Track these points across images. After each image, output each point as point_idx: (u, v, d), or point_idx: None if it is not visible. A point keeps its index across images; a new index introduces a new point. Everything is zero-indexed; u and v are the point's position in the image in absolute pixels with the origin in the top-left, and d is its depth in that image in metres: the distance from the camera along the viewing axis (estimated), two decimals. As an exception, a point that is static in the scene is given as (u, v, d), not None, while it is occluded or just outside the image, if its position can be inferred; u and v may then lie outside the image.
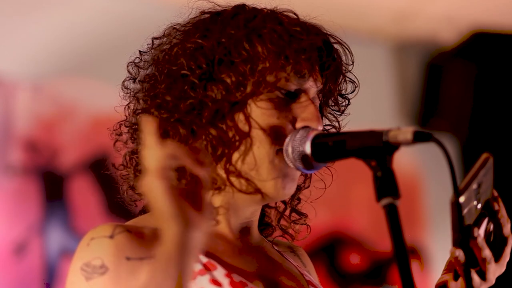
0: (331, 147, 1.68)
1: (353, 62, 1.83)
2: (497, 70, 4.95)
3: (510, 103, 4.98)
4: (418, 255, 4.86)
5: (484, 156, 1.73)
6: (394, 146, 1.57)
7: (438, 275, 1.85)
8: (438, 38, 5.04)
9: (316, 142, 1.70)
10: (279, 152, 1.73)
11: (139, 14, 4.24)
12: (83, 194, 4.21)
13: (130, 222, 1.72)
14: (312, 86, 1.78)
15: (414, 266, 4.73)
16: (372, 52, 4.87)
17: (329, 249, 4.79)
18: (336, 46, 1.80)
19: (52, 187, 4.17)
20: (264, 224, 1.89)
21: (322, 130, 1.78)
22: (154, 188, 1.41)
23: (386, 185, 1.53)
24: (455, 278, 1.79)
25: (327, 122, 1.86)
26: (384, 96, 5.04)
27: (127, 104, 1.82)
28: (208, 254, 1.70)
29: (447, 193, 1.74)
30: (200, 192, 1.45)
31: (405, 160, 4.75)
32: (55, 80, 4.24)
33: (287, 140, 1.72)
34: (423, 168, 4.93)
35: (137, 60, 1.84)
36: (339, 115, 1.87)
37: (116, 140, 1.83)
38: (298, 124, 1.75)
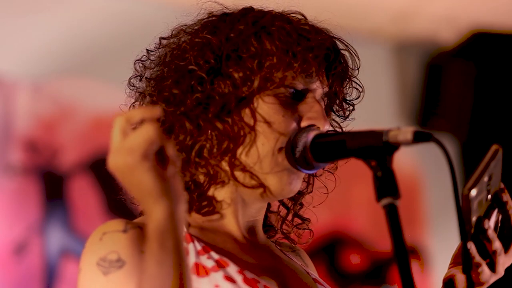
0: (331, 147, 1.68)
1: (359, 68, 1.83)
2: (497, 70, 4.95)
3: (510, 103, 4.97)
4: (418, 255, 4.86)
5: (494, 147, 1.74)
6: (394, 146, 1.57)
7: (438, 275, 1.85)
8: (438, 38, 5.04)
9: (316, 142, 1.70)
10: (281, 150, 1.73)
11: (139, 14, 4.24)
12: (83, 194, 4.21)
13: (137, 220, 1.72)
14: (318, 87, 1.78)
15: (414, 266, 4.73)
16: (372, 52, 4.87)
17: (329, 249, 4.79)
18: (343, 51, 1.81)
19: (52, 187, 4.17)
20: (267, 226, 1.90)
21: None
22: (139, 168, 1.42)
23: (386, 185, 1.53)
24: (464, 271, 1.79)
25: (330, 128, 1.84)
26: (384, 96, 5.04)
27: (132, 103, 1.83)
28: (219, 250, 1.71)
29: (447, 193, 1.74)
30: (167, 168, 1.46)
31: (405, 160, 4.75)
32: (55, 80, 4.23)
33: (287, 140, 1.73)
34: (423, 168, 4.93)
35: (144, 58, 1.84)
36: (343, 119, 1.86)
37: None
38: (304, 123, 1.75)
